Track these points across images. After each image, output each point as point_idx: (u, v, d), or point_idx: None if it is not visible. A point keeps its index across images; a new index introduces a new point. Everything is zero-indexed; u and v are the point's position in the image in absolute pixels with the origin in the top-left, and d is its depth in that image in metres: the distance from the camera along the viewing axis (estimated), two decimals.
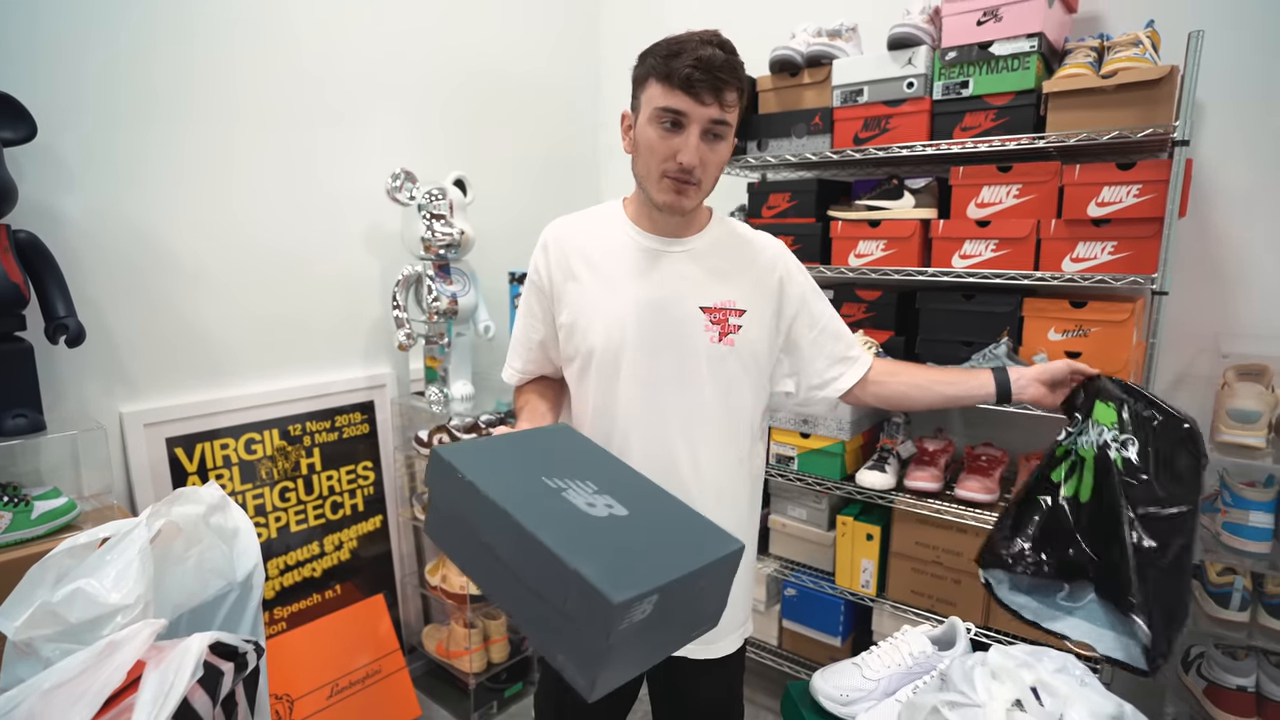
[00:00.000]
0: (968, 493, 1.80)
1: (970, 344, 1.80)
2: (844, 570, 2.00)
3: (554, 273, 1.19)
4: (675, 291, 1.14)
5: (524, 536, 0.78)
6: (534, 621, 0.82)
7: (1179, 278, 1.74)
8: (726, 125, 1.06)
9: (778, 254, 1.23)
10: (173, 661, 0.67)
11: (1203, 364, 1.78)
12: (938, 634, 1.05)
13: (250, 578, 0.99)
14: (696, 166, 1.05)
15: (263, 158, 1.94)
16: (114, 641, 0.68)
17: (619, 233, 1.18)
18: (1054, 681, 0.72)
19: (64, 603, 0.73)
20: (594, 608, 0.71)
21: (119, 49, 1.66)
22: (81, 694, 0.61)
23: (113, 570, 0.78)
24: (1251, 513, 1.50)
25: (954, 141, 1.74)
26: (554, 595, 0.76)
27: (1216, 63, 1.60)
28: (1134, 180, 1.55)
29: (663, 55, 1.03)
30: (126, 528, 0.84)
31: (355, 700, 2.02)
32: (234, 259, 1.91)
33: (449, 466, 0.87)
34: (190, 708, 0.66)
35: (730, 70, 1.03)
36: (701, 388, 1.14)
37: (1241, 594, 1.54)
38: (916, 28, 1.78)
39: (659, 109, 1.04)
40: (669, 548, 0.84)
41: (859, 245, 1.93)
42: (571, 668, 0.78)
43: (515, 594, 0.83)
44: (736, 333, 1.14)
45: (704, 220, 1.21)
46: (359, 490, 2.24)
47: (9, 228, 1.43)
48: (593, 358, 1.15)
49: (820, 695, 1.01)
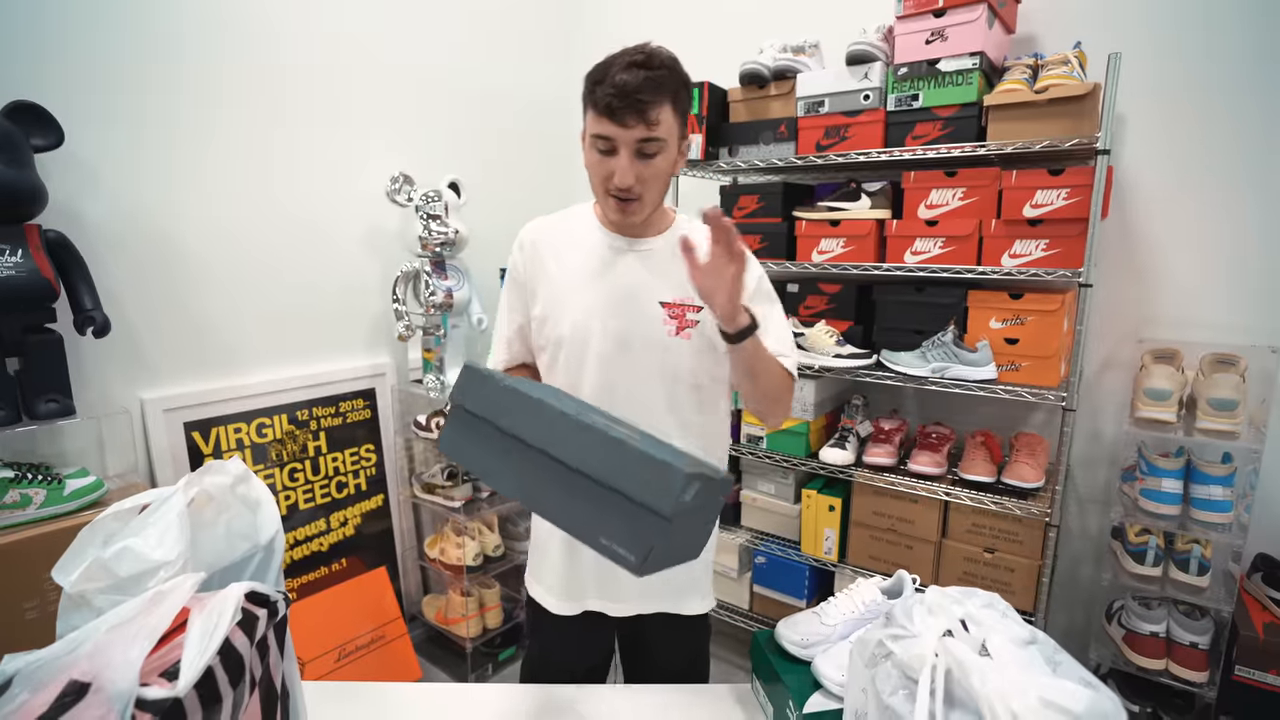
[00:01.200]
0: (919, 467, 1.88)
1: (921, 332, 1.87)
2: (809, 539, 2.07)
3: (529, 268, 1.20)
4: (637, 287, 1.15)
5: (582, 429, 0.82)
6: (578, 511, 0.85)
7: (1103, 272, 1.83)
8: (658, 140, 1.04)
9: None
10: (215, 606, 0.71)
11: (1125, 349, 1.87)
12: (887, 585, 1.11)
13: (272, 542, 1.02)
14: (633, 185, 1.05)
15: (272, 162, 1.97)
16: (160, 592, 0.71)
17: (587, 232, 1.19)
18: (980, 614, 0.79)
19: (114, 559, 0.76)
20: (664, 481, 0.76)
21: (143, 64, 1.68)
22: (138, 631, 0.65)
23: (155, 531, 0.81)
24: (1164, 480, 1.59)
25: (906, 149, 1.81)
26: (618, 478, 0.80)
27: (1137, 79, 1.68)
28: (1063, 185, 1.62)
29: (590, 83, 1.04)
30: (165, 494, 0.87)
31: (361, 664, 2.06)
32: (245, 257, 1.94)
33: (487, 376, 0.90)
34: (231, 646, 0.70)
35: (653, 88, 1.01)
36: (661, 377, 1.15)
37: (1155, 551, 1.64)
38: (872, 45, 1.84)
39: (592, 135, 1.05)
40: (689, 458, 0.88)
41: (821, 243, 2.00)
42: (621, 546, 0.80)
43: (555, 488, 0.85)
44: (694, 326, 1.15)
45: (667, 221, 1.21)
46: (362, 471, 2.27)
47: (40, 227, 1.45)
48: (561, 348, 1.16)
49: (784, 640, 1.06)
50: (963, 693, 0.69)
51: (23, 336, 1.44)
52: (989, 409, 2.03)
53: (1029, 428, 2.02)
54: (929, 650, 0.73)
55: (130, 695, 0.59)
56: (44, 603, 1.37)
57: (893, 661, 0.77)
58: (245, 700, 0.72)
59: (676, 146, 1.11)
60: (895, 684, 0.76)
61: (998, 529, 1.81)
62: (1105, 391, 1.93)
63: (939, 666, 0.71)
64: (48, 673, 0.62)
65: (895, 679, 0.76)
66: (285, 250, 2.03)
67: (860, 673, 0.84)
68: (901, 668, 0.76)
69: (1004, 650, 0.73)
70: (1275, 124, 1.66)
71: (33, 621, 1.35)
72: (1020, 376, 1.75)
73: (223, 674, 0.68)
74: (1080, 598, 2.02)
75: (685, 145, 1.14)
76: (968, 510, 1.83)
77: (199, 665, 0.65)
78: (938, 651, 0.73)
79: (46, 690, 0.61)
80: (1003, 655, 0.72)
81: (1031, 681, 0.65)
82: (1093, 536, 1.99)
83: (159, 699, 0.61)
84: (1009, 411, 2.03)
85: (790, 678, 0.99)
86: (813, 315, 2.08)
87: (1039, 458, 1.80)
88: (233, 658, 0.70)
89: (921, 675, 0.71)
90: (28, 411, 1.45)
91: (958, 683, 0.70)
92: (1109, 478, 1.94)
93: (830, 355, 1.93)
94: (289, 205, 2.02)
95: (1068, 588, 2.02)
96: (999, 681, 0.66)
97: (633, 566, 0.79)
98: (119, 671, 0.61)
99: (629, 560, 0.79)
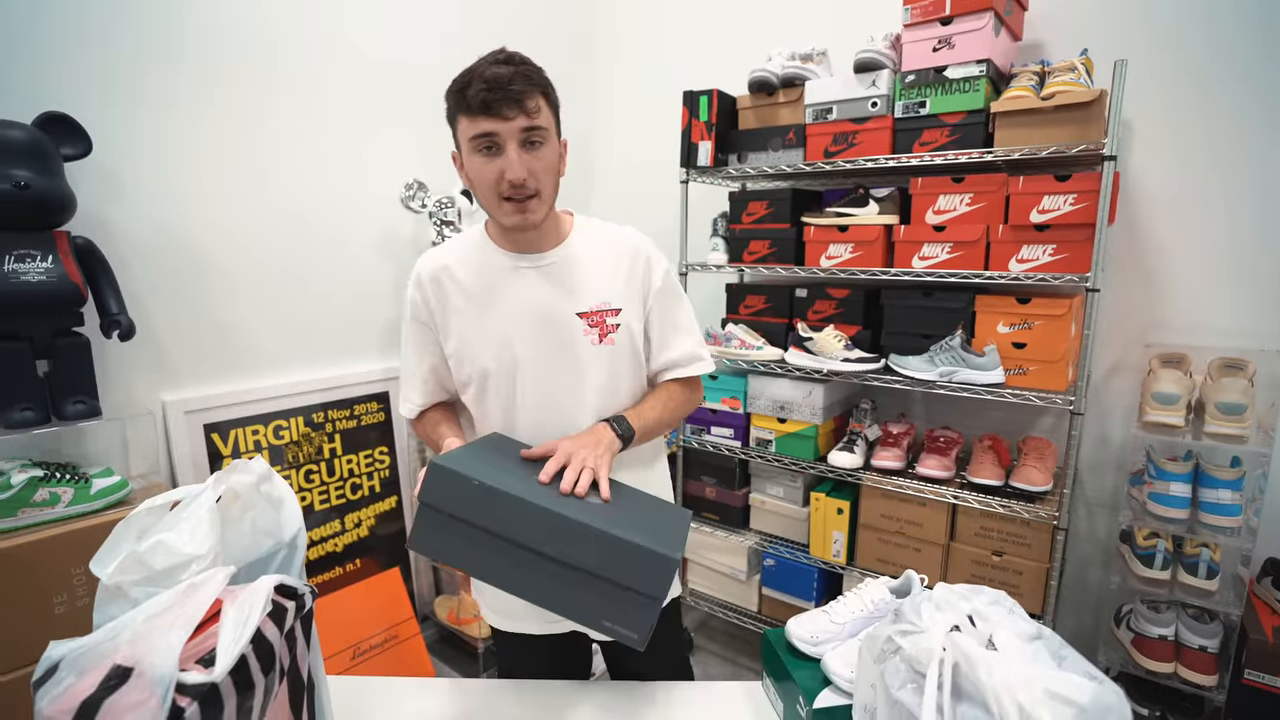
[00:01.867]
0: (928, 470, 1.90)
1: (929, 337, 1.88)
2: (817, 542, 2.09)
3: (433, 305, 1.14)
4: (550, 303, 1.12)
5: (566, 525, 0.86)
6: (569, 599, 0.88)
7: (1110, 277, 1.84)
8: (541, 129, 1.03)
9: (640, 245, 1.19)
10: (247, 598, 0.74)
11: (1132, 353, 1.88)
12: (896, 584, 1.13)
13: (295, 539, 1.04)
14: (526, 177, 1.02)
15: (290, 171, 2.01)
16: (194, 584, 0.74)
17: (486, 257, 1.14)
18: (987, 610, 0.80)
19: (148, 552, 0.79)
20: (654, 569, 0.83)
21: (170, 75, 1.73)
22: (175, 620, 0.68)
23: (187, 526, 0.83)
24: (1172, 484, 1.60)
25: (913, 155, 1.83)
26: (607, 568, 0.85)
27: (1144, 85, 1.70)
28: (1070, 190, 1.64)
29: (457, 89, 1.02)
30: (195, 491, 0.89)
31: (375, 663, 2.08)
32: (264, 263, 1.98)
33: (458, 475, 0.87)
34: (263, 635, 0.73)
35: (524, 79, 1.00)
36: (591, 389, 1.13)
37: (1164, 555, 1.64)
38: (880, 53, 1.87)
39: (472, 139, 1.02)
40: (659, 519, 0.98)
41: (829, 248, 2.02)
42: (622, 628, 0.86)
43: (544, 579, 0.88)
44: (615, 331, 1.13)
45: (567, 228, 1.17)
46: (376, 473, 2.30)
47: (69, 234, 1.49)
48: (488, 379, 1.13)
49: (794, 638, 1.08)
50: (969, 685, 0.71)
51: (52, 340, 1.47)
52: (996, 413, 2.04)
53: (1036, 432, 2.03)
54: (937, 644, 0.75)
55: (171, 679, 0.62)
56: (72, 598, 1.40)
57: (901, 656, 0.79)
58: (275, 688, 0.75)
59: (558, 142, 1.09)
60: (904, 678, 0.78)
61: (1006, 532, 1.82)
62: (1113, 395, 1.94)
63: (946, 660, 0.73)
64: (91, 658, 0.65)
65: (904, 673, 0.78)
66: (302, 256, 2.07)
67: (869, 668, 0.86)
68: (910, 662, 0.78)
69: (1010, 645, 0.75)
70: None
71: (62, 616, 1.38)
72: (1028, 380, 1.76)
73: (255, 662, 0.71)
74: (1088, 601, 2.02)
75: (564, 146, 1.12)
76: (976, 513, 1.84)
77: (234, 652, 0.68)
78: (945, 646, 0.74)
79: (91, 674, 0.64)
80: (1009, 649, 0.74)
81: (1037, 674, 0.67)
82: (1100, 540, 2.00)
83: (198, 683, 0.64)
84: (1016, 415, 2.04)
85: (800, 674, 1.01)
86: (821, 320, 2.09)
87: (1047, 461, 1.82)
88: (264, 647, 0.72)
89: (929, 669, 0.73)
90: (56, 412, 1.49)
91: (965, 676, 0.72)
92: (1117, 482, 1.94)
93: (839, 360, 1.95)
94: (306, 213, 2.06)
95: (1075, 591, 2.03)
96: (1005, 674, 0.68)
97: (636, 644, 0.87)
98: (160, 657, 0.64)
99: (632, 638, 0.86)
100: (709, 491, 2.33)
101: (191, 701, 0.63)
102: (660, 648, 1.30)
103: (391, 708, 1.09)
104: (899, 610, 0.88)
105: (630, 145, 2.89)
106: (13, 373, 1.43)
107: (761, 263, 2.14)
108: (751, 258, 2.16)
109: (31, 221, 1.42)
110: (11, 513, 1.37)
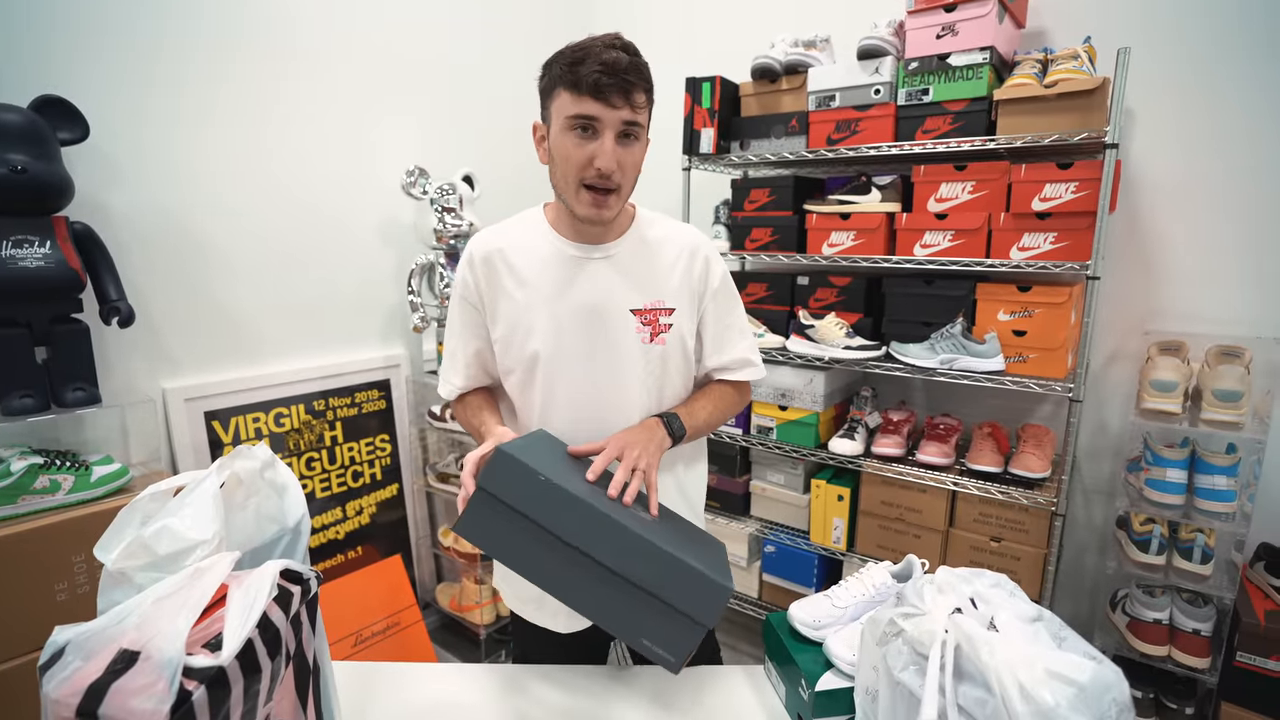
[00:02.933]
0: (928, 457, 1.90)
1: (930, 324, 1.88)
2: (818, 528, 2.09)
3: (483, 288, 1.11)
4: (605, 297, 1.09)
5: (628, 537, 0.83)
6: (612, 610, 0.85)
7: (1111, 265, 1.84)
8: (639, 126, 1.01)
9: (700, 244, 1.18)
10: (253, 582, 0.74)
11: (1132, 342, 1.89)
12: (897, 569, 1.13)
13: (299, 525, 1.04)
14: (615, 170, 1.00)
15: (289, 156, 2.00)
16: (199, 569, 0.74)
17: (543, 242, 1.11)
18: (988, 593, 0.81)
19: (153, 537, 0.79)
20: (711, 597, 0.82)
21: (167, 58, 1.71)
22: (182, 604, 0.68)
23: (191, 512, 0.83)
24: (1169, 470, 1.61)
25: (916, 143, 1.82)
26: (663, 588, 0.83)
27: (1146, 74, 1.69)
28: (1072, 178, 1.64)
29: (567, 63, 0.97)
30: (199, 477, 0.89)
31: (377, 649, 2.09)
32: (264, 249, 1.97)
33: (524, 466, 0.84)
34: (269, 619, 0.73)
35: (636, 71, 0.98)
36: (637, 387, 1.11)
37: (1159, 540, 1.65)
38: (883, 40, 1.85)
39: (570, 117, 0.98)
40: (704, 546, 0.98)
41: (831, 236, 2.01)
42: (661, 649, 0.84)
43: (590, 585, 0.85)
44: (668, 331, 1.11)
45: (626, 222, 1.14)
46: (377, 460, 2.31)
47: (67, 219, 1.48)
48: (532, 368, 1.10)
49: (796, 622, 1.08)
50: (971, 666, 0.72)
51: (51, 326, 1.47)
52: (996, 400, 2.05)
53: (1035, 419, 2.04)
54: (939, 626, 0.75)
55: (178, 663, 0.62)
56: (73, 585, 1.40)
57: (903, 639, 0.80)
58: (282, 672, 0.75)
59: (645, 140, 1.07)
60: (906, 660, 0.78)
61: (1004, 518, 1.83)
62: (1111, 383, 1.94)
63: (949, 642, 0.74)
64: (98, 642, 0.65)
65: (906, 655, 0.78)
66: (303, 243, 2.06)
67: (871, 651, 0.86)
68: (912, 644, 0.78)
69: (1011, 626, 0.75)
70: None
71: (63, 603, 1.38)
72: (1028, 368, 1.76)
73: (261, 646, 0.71)
74: (1084, 586, 2.04)
75: (647, 144, 1.09)
76: (975, 500, 1.85)
77: (240, 636, 0.68)
78: (948, 628, 0.75)
79: (98, 658, 0.64)
80: (1010, 630, 0.74)
81: (1038, 654, 0.68)
82: (1097, 526, 2.01)
83: (205, 666, 0.64)
84: (1015, 403, 2.05)
85: (803, 658, 1.01)
86: (823, 307, 2.09)
87: (1045, 448, 1.82)
88: (270, 631, 0.72)
89: (931, 650, 0.74)
90: (56, 400, 1.49)
91: (966, 657, 0.72)
92: (1114, 468, 1.95)
93: (840, 347, 1.95)
94: (307, 198, 2.05)
95: (1073, 576, 2.04)
96: (1006, 654, 0.68)
97: (672, 666, 0.84)
98: (167, 641, 0.64)
99: (669, 661, 0.84)
100: (710, 479, 2.32)
101: (199, 685, 0.63)
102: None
103: (396, 692, 1.10)
104: (901, 594, 0.88)
105: None
106: (12, 360, 1.42)
107: (763, 250, 2.14)
108: (753, 245, 2.16)
109: (29, 206, 1.41)
110: (11, 500, 1.37)
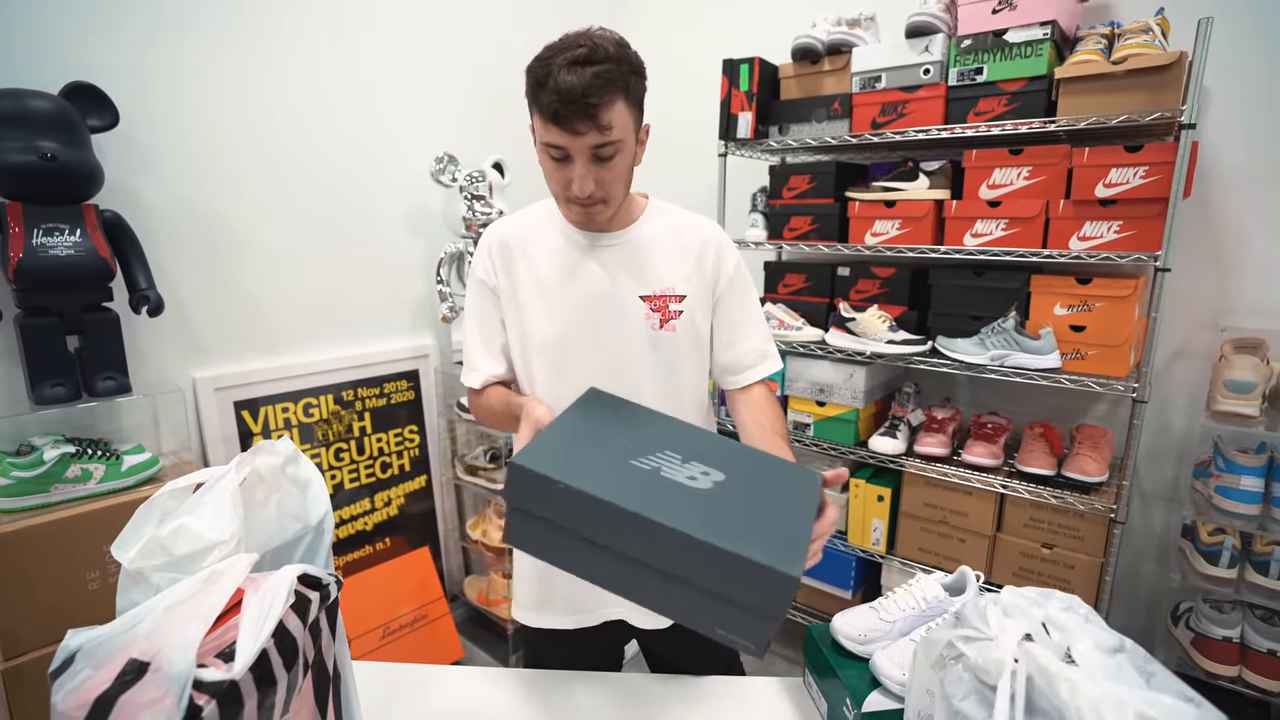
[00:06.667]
0: (974, 458, 1.82)
1: (979, 318, 1.80)
2: (856, 529, 2.02)
3: (499, 273, 1.12)
4: (613, 285, 1.09)
5: (664, 534, 0.73)
6: (679, 604, 0.78)
7: (1181, 255, 1.73)
8: (614, 143, 0.96)
9: (712, 235, 1.16)
10: (269, 588, 0.71)
11: (1200, 338, 1.77)
12: (949, 581, 1.06)
13: (322, 522, 1.02)
14: (594, 191, 0.98)
15: (318, 144, 1.98)
16: (216, 571, 0.71)
17: (554, 230, 1.11)
18: (1061, 618, 0.74)
19: (170, 537, 0.77)
20: (772, 585, 0.71)
21: (197, 46, 1.69)
22: (194, 611, 0.64)
23: (209, 510, 0.81)
24: (1243, 477, 1.50)
25: (968, 126, 1.73)
26: (718, 583, 0.73)
27: (1222, 49, 1.57)
28: (1141, 162, 1.53)
29: (532, 83, 0.94)
30: (219, 474, 0.87)
31: (404, 642, 2.08)
32: (294, 239, 1.96)
33: (538, 476, 0.77)
34: (285, 628, 0.69)
35: (601, 87, 0.90)
36: (646, 374, 1.10)
37: (1231, 552, 1.55)
38: (933, 16, 1.76)
39: (542, 142, 0.97)
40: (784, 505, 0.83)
41: (875, 225, 1.93)
42: (738, 637, 0.76)
43: (649, 581, 0.78)
44: (678, 318, 1.10)
45: (638, 211, 1.13)
46: (405, 452, 2.29)
47: (97, 207, 1.47)
48: (540, 355, 1.11)
49: (840, 635, 1.02)
50: (1045, 703, 0.65)
51: (81, 315, 1.46)
52: (1047, 399, 1.95)
53: (1090, 419, 1.93)
54: (1008, 654, 0.69)
55: (188, 676, 0.59)
56: (105, 574, 1.40)
57: (964, 664, 0.73)
58: (299, 683, 0.72)
59: (635, 140, 1.02)
60: (967, 688, 0.72)
61: (1057, 524, 1.73)
62: (1176, 382, 1.83)
63: (1019, 672, 0.67)
64: (108, 650, 0.62)
65: (967, 683, 0.72)
66: (332, 232, 2.04)
67: (926, 673, 0.80)
68: (975, 671, 0.71)
69: (1090, 658, 0.68)
70: None
71: (95, 592, 1.39)
72: (1086, 366, 1.66)
73: (277, 656, 0.67)
74: (1141, 597, 1.93)
75: (645, 132, 1.05)
76: (1025, 504, 1.76)
77: (254, 648, 0.64)
78: (1017, 656, 0.68)
79: (107, 668, 0.60)
80: (1089, 663, 0.67)
81: (1127, 694, 0.61)
82: (1156, 534, 1.90)
83: (216, 680, 0.61)
84: (1068, 402, 1.94)
85: (847, 674, 0.95)
86: (864, 300, 2.01)
87: (1102, 450, 1.72)
88: (286, 640, 0.69)
89: (1000, 681, 0.67)
90: (87, 388, 1.48)
91: (1040, 691, 0.66)
92: (1176, 473, 1.84)
93: (883, 341, 1.87)
94: (336, 187, 2.03)
95: (1129, 586, 1.94)
96: (1090, 692, 0.61)
97: (754, 653, 0.78)
98: (177, 652, 0.60)
99: (749, 648, 0.77)
100: None
101: (210, 700, 0.59)
102: (708, 652, 1.21)
103: (419, 696, 1.06)
104: (960, 614, 0.81)
105: (666, 116, 2.80)
106: (43, 348, 1.42)
107: (803, 239, 2.06)
108: (792, 234, 2.08)
109: (59, 194, 1.40)
110: (44, 488, 1.37)
